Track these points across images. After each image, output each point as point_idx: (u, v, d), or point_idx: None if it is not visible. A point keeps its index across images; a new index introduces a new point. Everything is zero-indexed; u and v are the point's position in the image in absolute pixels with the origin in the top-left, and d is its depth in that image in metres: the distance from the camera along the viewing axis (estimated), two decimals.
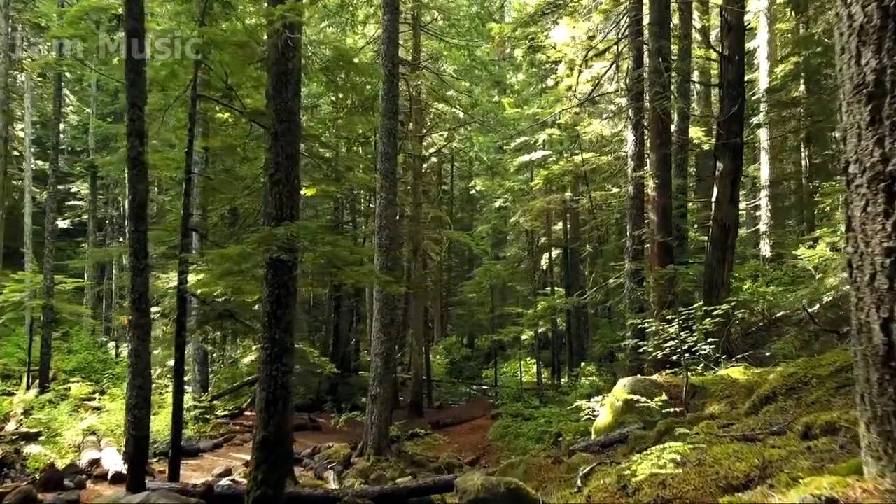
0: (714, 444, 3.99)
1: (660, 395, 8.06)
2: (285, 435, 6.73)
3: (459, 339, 37.53)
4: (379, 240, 14.10)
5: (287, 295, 6.74)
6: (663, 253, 12.19)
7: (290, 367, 6.73)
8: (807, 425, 3.50)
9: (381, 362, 13.93)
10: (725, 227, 11.94)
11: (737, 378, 8.03)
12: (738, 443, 3.90)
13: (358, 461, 13.74)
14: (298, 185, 6.94)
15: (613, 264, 20.43)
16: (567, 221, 25.06)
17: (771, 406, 5.18)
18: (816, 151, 23.24)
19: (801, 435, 3.50)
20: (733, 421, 5.11)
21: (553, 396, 19.08)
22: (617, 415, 8.35)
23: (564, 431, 14.60)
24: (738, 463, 3.25)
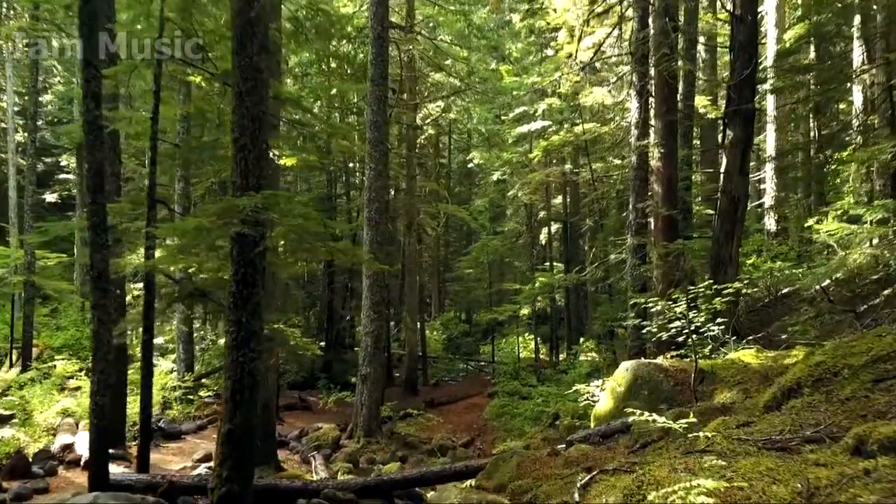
0: (737, 452, 3.34)
1: (665, 381, 7.45)
2: (253, 427, 6.11)
3: (457, 315, 37.00)
4: (368, 213, 13.41)
5: (254, 273, 6.07)
6: (668, 227, 11.51)
7: (258, 353, 6.08)
8: (859, 438, 2.86)
9: (371, 341, 13.34)
10: (735, 200, 11.23)
11: (749, 362, 7.40)
12: (767, 453, 3.26)
13: (347, 443, 13.22)
14: (266, 150, 6.23)
15: (614, 239, 19.77)
16: (567, 195, 24.32)
17: (796, 401, 4.54)
18: (825, 122, 22.45)
19: (852, 450, 2.86)
20: (753, 418, 4.47)
21: (551, 375, 18.54)
22: (618, 401, 7.74)
23: (562, 412, 14.07)
24: (774, 487, 2.61)
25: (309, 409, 16.88)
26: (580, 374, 15.66)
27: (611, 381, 8.22)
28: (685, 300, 7.42)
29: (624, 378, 7.81)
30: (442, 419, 16.78)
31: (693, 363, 7.73)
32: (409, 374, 20.36)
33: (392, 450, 13.07)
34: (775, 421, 4.10)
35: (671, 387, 7.40)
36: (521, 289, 22.29)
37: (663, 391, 7.38)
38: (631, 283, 12.05)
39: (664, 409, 7.17)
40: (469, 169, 36.57)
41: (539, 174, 21.60)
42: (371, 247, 13.30)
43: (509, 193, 24.78)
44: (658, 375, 7.53)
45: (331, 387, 20.16)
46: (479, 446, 14.65)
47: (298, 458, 12.07)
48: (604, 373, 16.23)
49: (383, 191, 13.62)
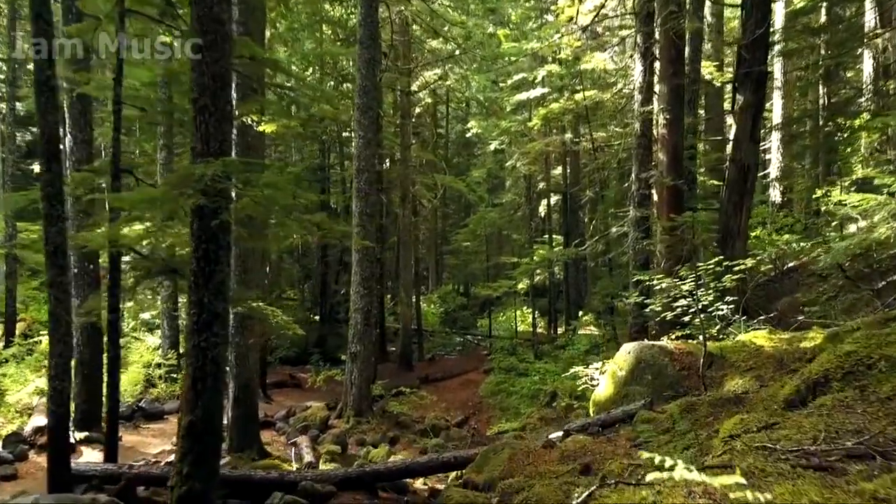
0: (767, 472, 2.77)
1: (671, 365, 6.89)
2: (218, 419, 5.56)
3: (455, 288, 36.50)
4: (358, 184, 12.75)
5: (218, 249, 5.45)
6: (673, 198, 10.87)
7: (222, 338, 5.50)
8: None
9: (361, 318, 12.78)
10: (744, 169, 10.58)
11: (761, 345, 6.83)
12: (804, 473, 2.68)
13: (337, 423, 12.75)
14: (230, 112, 5.56)
15: (615, 211, 19.12)
16: (567, 165, 23.59)
17: (825, 398, 3.96)
18: (834, 90, 21.61)
19: None
20: (776, 417, 3.89)
21: (549, 350, 18.06)
22: (619, 386, 7.19)
23: (560, 391, 13.61)
24: None
25: (299, 386, 16.41)
26: (578, 351, 15.16)
27: (611, 363, 7.66)
28: (693, 277, 6.82)
29: (626, 361, 7.26)
30: (436, 397, 16.32)
31: (700, 346, 7.17)
32: (403, 350, 19.89)
33: (383, 430, 12.61)
34: (804, 424, 3.52)
35: (676, 371, 6.84)
36: (518, 262, 21.76)
37: (668, 376, 6.83)
38: (633, 258, 11.45)
39: (669, 396, 6.63)
40: (467, 139, 35.71)
41: (538, 143, 20.86)
42: (361, 219, 12.67)
43: (507, 164, 24.06)
44: (663, 359, 6.97)
45: (323, 363, 19.73)
46: (474, 426, 14.21)
47: (285, 440, 11.60)
48: (603, 349, 15.75)
49: (373, 160, 12.93)
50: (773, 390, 5.25)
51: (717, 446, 3.77)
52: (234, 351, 9.89)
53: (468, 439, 12.84)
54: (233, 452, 9.80)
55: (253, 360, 9.99)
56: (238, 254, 9.77)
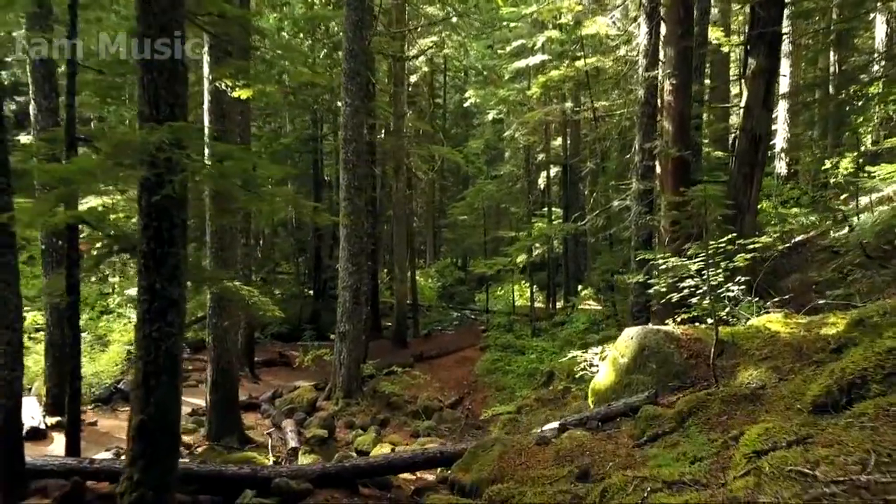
0: None
1: (677, 352, 6.31)
2: (173, 417, 4.99)
3: (454, 261, 35.93)
4: (345, 155, 12.06)
5: (172, 228, 4.83)
6: (679, 170, 10.20)
7: (178, 328, 4.91)
8: None
9: (349, 296, 12.21)
10: (756, 139, 9.91)
11: (776, 330, 6.25)
12: None
13: (325, 405, 12.26)
14: (183, 71, 4.88)
15: (615, 184, 18.42)
16: (567, 136, 22.81)
17: (865, 403, 3.38)
18: (845, 57, 20.77)
19: None
20: (807, 429, 3.31)
21: (547, 327, 17.52)
22: (621, 374, 6.62)
23: (558, 371, 13.10)
24: None
25: (289, 365, 15.91)
26: (577, 329, 14.62)
27: (613, 349, 7.09)
28: (704, 256, 6.21)
29: (628, 347, 6.68)
30: (430, 375, 15.83)
31: (709, 331, 6.59)
32: (398, 327, 19.37)
33: (373, 412, 12.13)
34: (845, 439, 2.93)
35: (683, 360, 6.27)
36: (516, 236, 21.12)
37: (674, 365, 6.26)
38: (635, 233, 10.83)
39: (675, 387, 6.07)
40: (465, 109, 34.80)
41: (537, 113, 20.08)
42: (349, 192, 12.01)
43: (506, 134, 23.25)
44: (668, 346, 6.39)
45: (317, 339, 19.27)
46: (468, 406, 13.74)
47: (270, 423, 11.10)
48: (602, 326, 15.21)
49: (362, 128, 12.22)
50: (795, 386, 4.67)
51: (739, 462, 3.20)
52: (211, 333, 9.35)
53: (461, 422, 12.37)
54: (211, 440, 9.32)
55: (232, 342, 9.43)
56: (214, 231, 9.16)
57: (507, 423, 11.30)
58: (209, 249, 9.22)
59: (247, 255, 14.20)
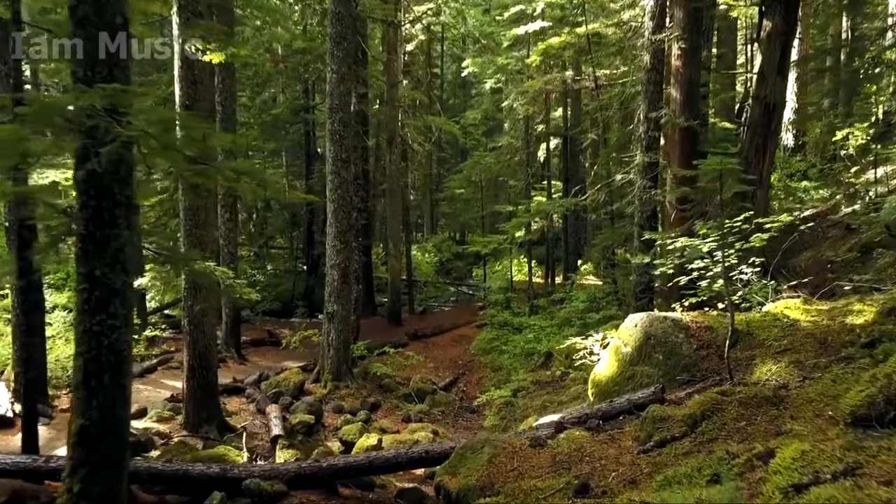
0: None
1: (686, 342, 5.75)
2: (120, 419, 4.42)
3: (452, 235, 35.31)
4: (331, 125, 11.37)
5: (114, 207, 4.22)
6: (687, 141, 9.55)
7: (123, 320, 4.32)
8: None
9: (338, 275, 11.63)
10: (769, 108, 9.22)
11: (796, 318, 5.67)
12: None
13: (313, 388, 11.75)
14: (125, 24, 4.22)
15: (616, 156, 17.72)
16: (567, 106, 22.04)
17: None
18: (859, 23, 19.89)
19: None
20: (854, 454, 2.74)
21: (545, 305, 16.99)
22: (624, 365, 6.07)
23: (556, 352, 12.59)
24: None
25: (278, 344, 15.39)
26: (576, 308, 14.08)
27: (615, 337, 6.51)
28: (718, 236, 5.61)
29: (632, 336, 6.11)
30: (424, 355, 15.34)
31: (721, 318, 6.03)
32: (392, 304, 18.84)
33: (363, 395, 11.63)
34: None
35: (693, 351, 5.70)
36: (515, 210, 20.46)
37: (683, 356, 5.69)
38: (639, 209, 10.20)
39: (685, 380, 5.51)
40: (464, 79, 33.91)
41: (537, 82, 19.25)
42: (335, 165, 11.35)
43: (504, 104, 22.46)
44: (676, 335, 5.81)
45: (309, 316, 18.74)
46: (463, 388, 13.26)
47: (254, 409, 10.60)
48: (603, 304, 14.67)
49: (349, 97, 11.51)
50: (824, 387, 4.10)
51: (773, 497, 2.62)
52: (187, 315, 8.78)
53: (455, 405, 11.91)
54: (188, 429, 8.82)
55: (209, 325, 8.86)
56: (187, 207, 8.54)
57: (503, 407, 10.83)
58: (182, 227, 8.61)
59: (231, 231, 13.59)
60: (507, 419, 10.36)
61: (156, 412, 9.22)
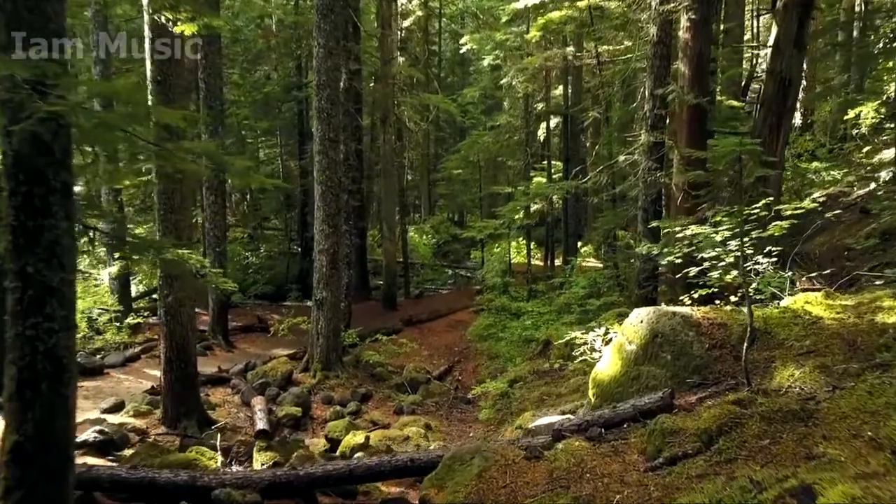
0: None
1: (697, 341, 5.24)
2: (62, 433, 3.92)
3: (450, 216, 34.69)
4: (318, 103, 10.79)
5: (48, 194, 3.67)
6: (695, 120, 8.96)
7: (62, 322, 3.80)
8: None
9: (326, 260, 11.12)
10: (785, 83, 8.64)
11: (819, 315, 5.16)
12: None
13: (302, 378, 11.29)
14: None
15: (618, 136, 17.09)
16: (568, 84, 21.33)
17: None
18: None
19: None
20: None
21: (544, 290, 16.50)
22: (629, 365, 5.56)
23: (555, 340, 12.12)
24: None
25: (268, 330, 14.92)
26: (576, 294, 13.57)
27: (618, 333, 6.00)
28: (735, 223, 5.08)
29: (637, 333, 5.59)
30: (419, 341, 14.88)
31: (735, 314, 5.51)
32: (387, 288, 18.35)
33: (353, 386, 11.18)
34: None
35: (705, 350, 5.19)
36: (514, 192, 19.87)
37: (694, 356, 5.18)
38: (643, 191, 9.65)
39: (695, 384, 5.01)
40: (462, 56, 33.11)
41: (537, 58, 18.56)
42: (323, 145, 10.78)
43: (503, 81, 21.74)
44: (686, 333, 5.30)
45: (300, 301, 18.27)
46: (458, 377, 12.80)
47: (239, 400, 10.15)
48: (604, 290, 14.16)
49: (337, 72, 10.91)
50: (859, 400, 3.59)
51: None
52: (163, 305, 8.27)
53: (449, 395, 11.44)
54: (167, 424, 8.36)
55: (187, 316, 8.35)
56: (160, 190, 7.99)
57: (498, 399, 10.37)
58: (156, 212, 8.06)
59: (216, 214, 13.04)
60: (503, 412, 9.91)
61: (133, 406, 8.75)
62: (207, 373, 11.07)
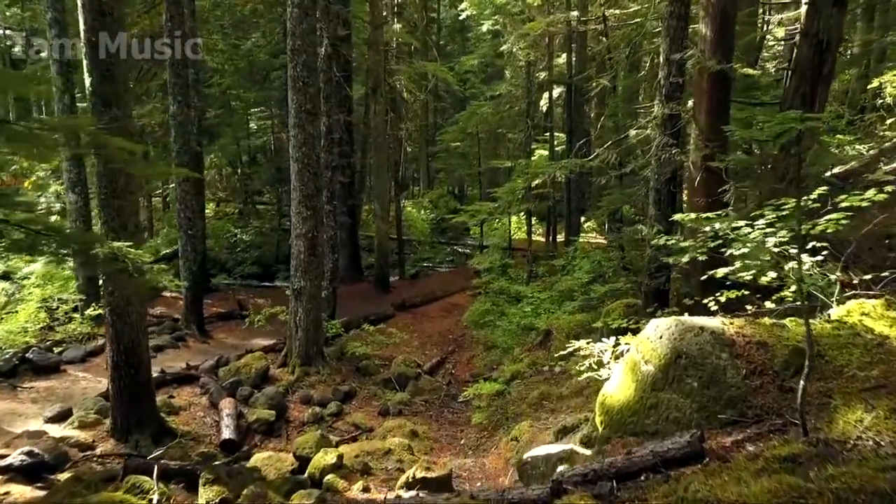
0: None
1: (732, 365, 4.23)
2: None
3: (450, 190, 33.50)
4: (293, 70, 9.65)
5: None
6: (718, 89, 7.84)
7: None
8: None
9: (304, 246, 10.09)
10: (822, 46, 7.47)
11: (883, 333, 4.15)
12: None
13: (280, 374, 10.36)
14: None
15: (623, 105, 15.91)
16: (572, 52, 20.02)
17: None
18: None
19: None
20: None
21: (545, 272, 15.48)
22: (645, 389, 4.57)
23: (556, 331, 11.16)
24: None
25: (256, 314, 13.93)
26: (579, 281, 12.55)
27: (632, 347, 4.99)
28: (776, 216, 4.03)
29: (655, 351, 4.58)
30: (412, 328, 13.96)
31: (777, 329, 4.49)
32: (379, 269, 17.36)
33: (336, 382, 10.26)
34: None
35: (741, 378, 4.17)
36: (514, 166, 18.76)
37: (728, 385, 4.17)
38: (656, 170, 8.54)
39: (730, 420, 4.02)
40: (463, 23, 31.60)
41: (539, 23, 17.29)
42: (298, 117, 9.67)
43: (503, 48, 20.42)
44: (718, 355, 4.29)
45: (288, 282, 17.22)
46: (451, 370, 11.87)
47: (206, 402, 9.20)
48: (609, 276, 13.12)
49: (313, 36, 9.73)
50: None
51: None
52: (108, 305, 7.28)
53: (441, 393, 10.53)
54: (116, 436, 7.43)
55: (137, 314, 7.35)
56: (101, 172, 6.93)
57: (494, 399, 9.45)
58: (98, 196, 7.03)
59: (187, 194, 11.97)
60: (499, 414, 8.99)
61: (79, 416, 7.78)
62: (174, 370, 10.13)
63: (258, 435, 8.59)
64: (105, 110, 6.85)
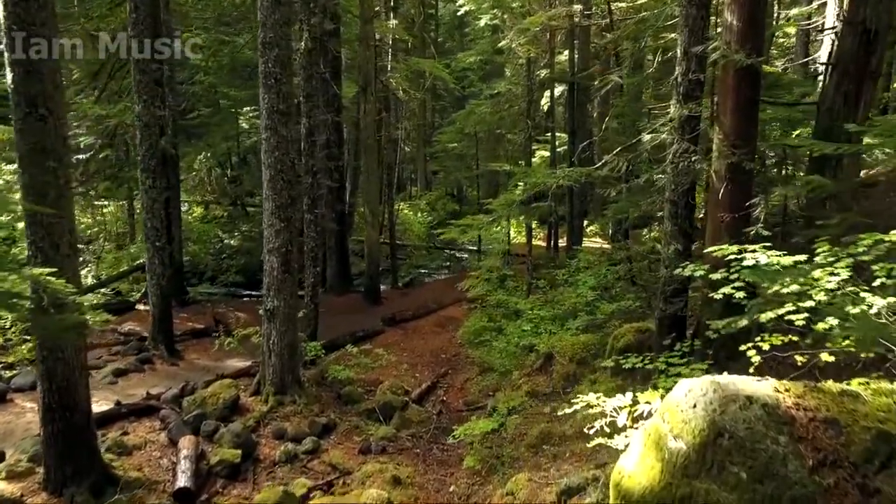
0: None
1: (794, 452, 3.19)
2: None
3: (448, 191, 32.47)
4: (264, 66, 8.62)
5: None
6: (746, 87, 6.80)
7: None
8: None
9: (278, 262, 9.07)
10: (868, 36, 6.47)
11: None
12: None
13: (251, 404, 9.34)
14: None
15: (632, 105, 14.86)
16: (574, 48, 18.99)
17: None
18: None
19: None
20: None
21: (545, 284, 14.44)
22: (674, 474, 3.53)
23: (558, 354, 10.14)
24: None
25: (228, 333, 12.88)
26: (583, 296, 11.50)
27: (657, 415, 3.94)
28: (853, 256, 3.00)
29: (687, 424, 3.55)
30: (401, 347, 12.95)
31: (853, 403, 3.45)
32: (369, 280, 16.35)
33: (313, 413, 9.24)
34: None
35: (807, 473, 3.14)
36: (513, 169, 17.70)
37: (790, 482, 3.14)
38: (673, 179, 7.49)
39: None
40: (461, 19, 30.57)
41: (539, 17, 16.25)
42: (271, 118, 8.64)
43: (502, 44, 19.39)
44: (774, 437, 3.26)
45: None
46: (443, 397, 10.85)
47: (165, 440, 8.18)
48: (615, 290, 12.10)
49: (286, 28, 8.69)
50: None
51: None
52: (38, 339, 6.26)
53: (430, 425, 9.50)
54: (49, 489, 6.40)
55: (73, 348, 6.33)
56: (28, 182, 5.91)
57: (487, 437, 8.43)
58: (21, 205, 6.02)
59: (155, 201, 10.95)
60: (493, 457, 7.95)
61: (8, 465, 6.76)
62: (132, 401, 9.12)
63: (220, 479, 7.58)
64: (30, 111, 5.84)
